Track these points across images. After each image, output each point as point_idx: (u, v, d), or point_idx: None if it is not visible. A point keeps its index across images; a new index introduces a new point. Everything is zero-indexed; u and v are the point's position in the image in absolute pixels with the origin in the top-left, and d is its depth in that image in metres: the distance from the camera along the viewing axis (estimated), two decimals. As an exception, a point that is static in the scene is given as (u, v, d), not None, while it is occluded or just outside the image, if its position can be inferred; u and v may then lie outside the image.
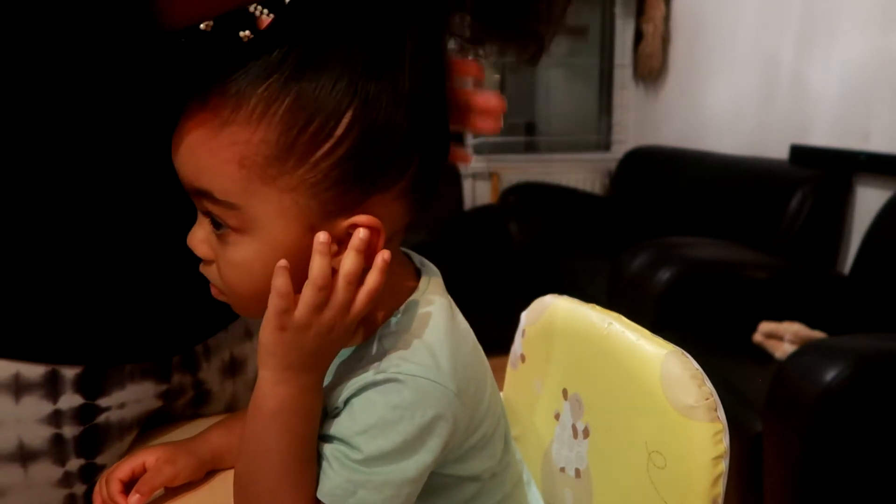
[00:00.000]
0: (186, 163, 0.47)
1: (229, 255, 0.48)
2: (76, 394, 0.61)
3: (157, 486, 0.63)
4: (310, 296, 0.45)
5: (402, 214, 0.50)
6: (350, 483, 0.47)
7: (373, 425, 0.47)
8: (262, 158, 0.44)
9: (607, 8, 3.49)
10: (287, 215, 0.46)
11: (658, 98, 3.24)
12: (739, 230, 2.28)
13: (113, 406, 0.64)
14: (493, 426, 0.56)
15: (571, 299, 0.70)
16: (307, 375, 0.47)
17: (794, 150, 2.32)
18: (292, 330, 0.45)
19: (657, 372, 0.54)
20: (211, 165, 0.45)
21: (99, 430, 0.64)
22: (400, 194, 0.48)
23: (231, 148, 0.44)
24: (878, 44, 2.01)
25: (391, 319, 0.52)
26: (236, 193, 0.45)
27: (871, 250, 1.85)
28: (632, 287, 1.94)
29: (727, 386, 1.32)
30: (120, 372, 0.64)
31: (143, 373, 0.66)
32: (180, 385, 0.71)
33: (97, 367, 0.62)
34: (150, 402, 0.68)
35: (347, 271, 0.45)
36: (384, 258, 0.46)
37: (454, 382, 0.49)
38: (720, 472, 0.51)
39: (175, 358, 0.69)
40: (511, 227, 2.64)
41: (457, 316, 0.56)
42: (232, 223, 0.46)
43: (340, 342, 0.48)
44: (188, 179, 0.47)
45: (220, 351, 0.74)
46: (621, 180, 3.25)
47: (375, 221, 0.46)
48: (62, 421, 0.61)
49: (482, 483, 0.57)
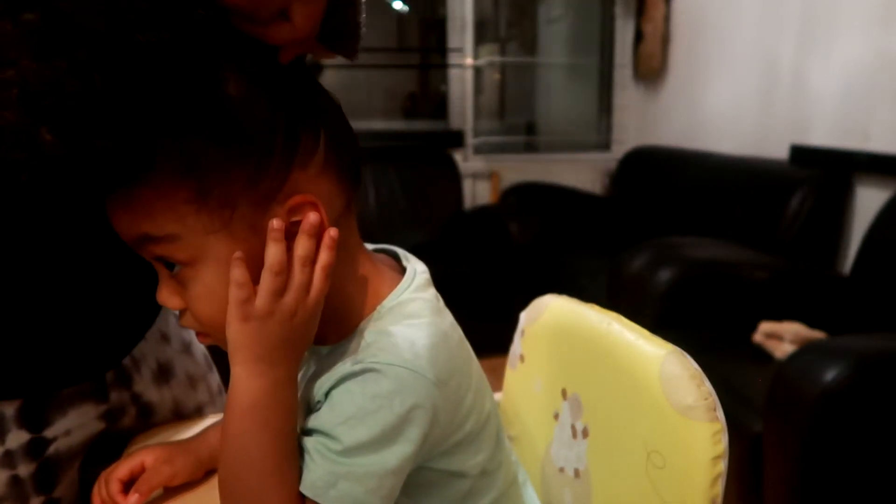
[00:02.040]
0: (119, 218, 0.47)
1: (193, 292, 0.49)
2: (21, 429, 0.61)
3: (156, 486, 0.63)
4: (268, 282, 0.46)
5: (334, 192, 0.50)
6: (331, 475, 0.47)
7: (352, 415, 0.47)
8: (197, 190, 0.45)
9: (607, 8, 3.49)
10: (225, 224, 0.46)
11: (658, 98, 3.24)
12: (739, 230, 2.28)
13: (59, 435, 0.64)
14: (480, 422, 0.56)
15: (571, 299, 0.70)
16: (279, 368, 0.48)
17: (794, 150, 2.32)
18: (256, 319, 0.46)
19: (656, 372, 0.54)
20: (138, 209, 0.46)
21: (51, 463, 0.63)
22: (321, 170, 0.49)
23: (160, 191, 0.45)
24: (878, 44, 2.01)
25: (372, 314, 0.53)
26: (170, 223, 0.46)
27: (871, 250, 1.85)
28: (632, 287, 1.94)
29: (727, 386, 1.32)
30: (58, 399, 0.64)
31: (82, 395, 0.66)
32: (120, 402, 0.71)
33: (35, 398, 0.62)
34: (93, 424, 0.68)
35: (301, 254, 0.47)
36: (331, 235, 0.48)
37: (433, 372, 0.49)
38: (719, 472, 0.51)
39: (108, 376, 0.69)
40: (511, 227, 2.64)
41: (442, 310, 0.56)
42: (181, 257, 0.47)
43: (306, 329, 0.49)
44: (126, 233, 0.48)
45: (147, 360, 0.74)
46: (621, 180, 3.25)
47: (311, 197, 0.47)
48: (15, 461, 0.61)
49: (472, 480, 0.56)
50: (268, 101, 0.46)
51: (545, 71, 3.63)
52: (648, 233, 2.31)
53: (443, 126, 3.35)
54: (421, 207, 3.01)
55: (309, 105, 0.49)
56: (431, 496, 0.56)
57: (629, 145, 3.38)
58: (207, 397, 0.83)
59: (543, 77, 3.64)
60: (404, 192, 3.01)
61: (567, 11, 3.58)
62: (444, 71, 3.32)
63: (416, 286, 0.55)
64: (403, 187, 3.02)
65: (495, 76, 3.59)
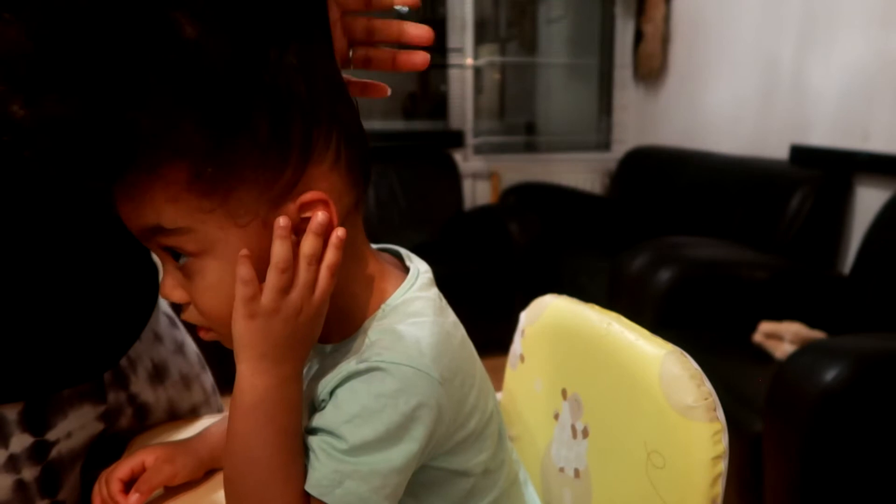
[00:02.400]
0: (128, 208, 0.47)
1: (199, 284, 0.48)
2: (24, 433, 0.61)
3: (157, 486, 0.63)
4: (274, 279, 0.46)
5: (344, 189, 0.50)
6: (336, 473, 0.47)
7: (357, 414, 0.47)
8: (195, 174, 0.45)
9: (607, 8, 3.49)
10: (237, 219, 0.46)
11: (658, 98, 3.24)
12: (739, 230, 2.28)
13: (61, 438, 0.64)
14: (482, 421, 0.56)
15: (571, 299, 0.70)
16: (284, 365, 0.48)
17: (794, 150, 2.32)
18: (261, 316, 0.46)
19: (656, 372, 0.54)
20: (150, 199, 0.45)
21: (55, 466, 0.63)
22: (333, 165, 0.48)
23: (164, 179, 0.44)
24: (878, 44, 2.01)
25: (376, 313, 0.53)
26: (183, 216, 0.45)
27: (871, 250, 1.85)
28: (632, 287, 1.94)
29: (727, 386, 1.32)
30: (59, 401, 0.64)
31: (81, 397, 0.66)
32: (117, 403, 0.71)
33: (37, 400, 0.62)
34: (93, 426, 0.68)
35: (307, 252, 0.47)
36: (339, 235, 0.48)
37: (437, 371, 0.49)
38: (719, 472, 0.51)
39: (106, 377, 0.69)
40: (511, 227, 2.64)
41: (445, 310, 0.56)
42: (190, 248, 0.47)
43: (311, 327, 0.49)
44: (135, 224, 0.47)
45: (142, 360, 0.74)
46: (621, 180, 3.25)
47: (322, 195, 0.47)
48: (20, 465, 0.61)
49: (474, 479, 0.56)
50: (309, 89, 0.45)
51: (545, 71, 3.63)
52: (648, 233, 2.31)
53: (443, 126, 3.35)
54: (421, 207, 3.01)
55: (326, 99, 0.48)
56: (434, 495, 0.56)
57: (629, 145, 3.38)
58: (202, 397, 0.83)
59: (543, 77, 3.64)
60: (404, 192, 3.01)
61: (567, 11, 3.58)
62: (444, 71, 3.32)
63: (419, 285, 0.55)
64: (403, 187, 3.02)
65: (495, 76, 3.58)
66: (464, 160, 3.24)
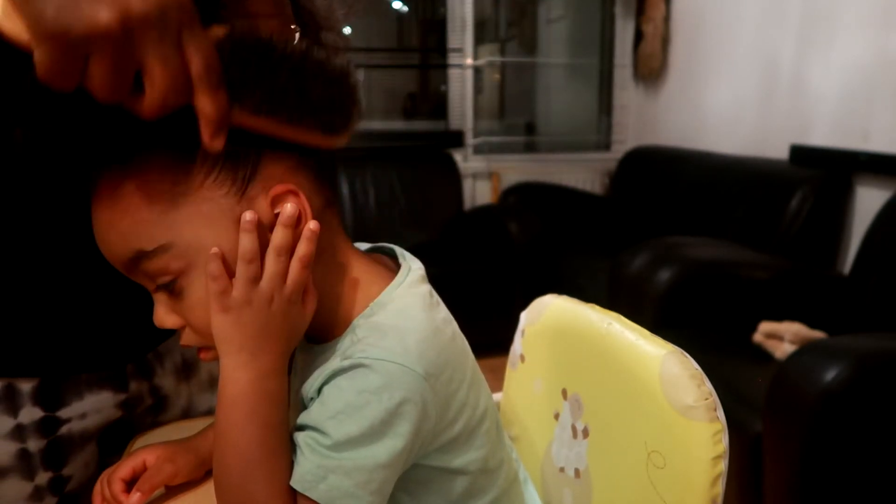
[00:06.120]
0: (108, 242, 0.49)
1: (188, 303, 0.50)
2: (35, 406, 0.62)
3: (158, 485, 0.63)
4: (242, 270, 0.47)
5: (312, 188, 0.51)
6: (320, 468, 0.47)
7: (341, 410, 0.48)
8: (165, 186, 0.47)
9: (607, 8, 3.49)
10: (213, 221, 0.47)
11: (658, 98, 3.24)
12: (739, 230, 2.28)
13: (74, 417, 0.65)
14: (475, 418, 0.56)
15: (571, 299, 0.70)
16: (262, 358, 0.48)
17: (794, 150, 2.32)
18: (235, 309, 0.47)
19: (657, 372, 0.55)
20: (126, 226, 0.47)
21: (62, 442, 0.64)
22: (297, 164, 0.50)
23: (132, 197, 0.47)
24: (878, 44, 2.02)
25: (364, 311, 0.53)
26: (161, 232, 0.47)
27: (871, 250, 1.85)
28: (632, 287, 1.94)
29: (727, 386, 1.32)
30: (77, 382, 0.65)
31: (101, 382, 0.67)
32: (138, 392, 0.72)
33: (53, 379, 0.63)
34: (110, 411, 0.69)
35: (276, 243, 0.48)
36: (311, 228, 0.48)
37: (422, 366, 0.49)
38: (719, 472, 0.51)
39: (129, 366, 0.70)
40: (511, 227, 2.64)
41: (435, 306, 0.56)
42: (175, 266, 0.48)
43: (285, 318, 0.49)
44: (118, 257, 0.49)
45: (172, 354, 0.75)
46: (621, 180, 3.25)
47: (291, 186, 0.49)
48: (26, 435, 0.62)
49: (471, 477, 0.57)
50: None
51: (545, 71, 3.63)
52: (648, 233, 2.31)
53: (443, 126, 3.35)
54: (421, 207, 3.01)
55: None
56: (432, 493, 0.56)
57: (629, 145, 3.38)
58: None
59: (543, 77, 3.64)
60: (404, 192, 3.01)
61: (567, 11, 3.58)
62: (444, 71, 3.32)
63: (409, 282, 0.55)
64: (403, 187, 3.02)
65: (495, 76, 3.58)
66: (464, 160, 3.24)
